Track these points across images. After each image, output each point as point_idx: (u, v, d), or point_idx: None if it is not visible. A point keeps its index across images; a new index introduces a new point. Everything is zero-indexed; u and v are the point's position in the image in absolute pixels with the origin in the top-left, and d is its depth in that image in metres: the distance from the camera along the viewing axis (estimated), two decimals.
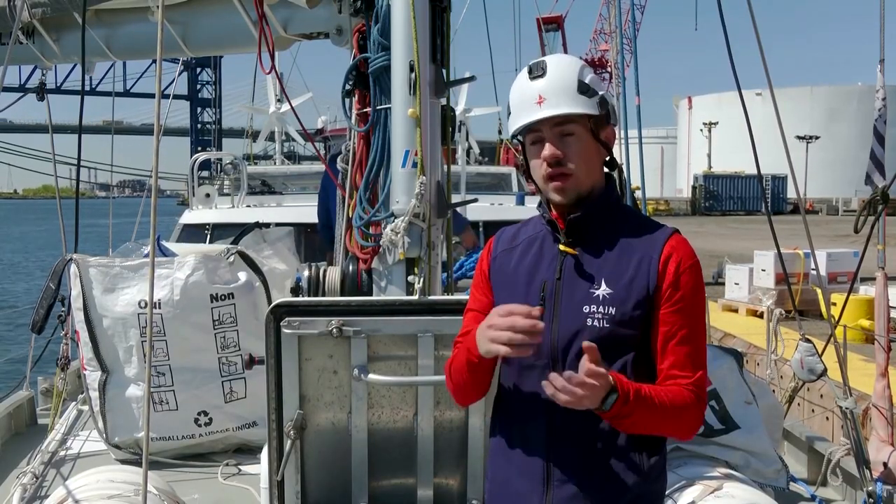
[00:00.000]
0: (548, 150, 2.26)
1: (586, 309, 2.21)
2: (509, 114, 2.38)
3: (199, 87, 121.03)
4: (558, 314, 2.24)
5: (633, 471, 2.23)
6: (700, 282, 2.27)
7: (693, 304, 2.24)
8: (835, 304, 9.54)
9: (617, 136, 2.51)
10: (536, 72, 2.29)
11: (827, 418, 9.71)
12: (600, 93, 2.29)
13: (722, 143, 77.73)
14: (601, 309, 2.20)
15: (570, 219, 2.30)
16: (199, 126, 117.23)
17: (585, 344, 2.03)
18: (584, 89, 2.27)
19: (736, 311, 16.17)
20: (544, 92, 2.26)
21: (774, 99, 5.00)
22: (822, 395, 9.83)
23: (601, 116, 2.29)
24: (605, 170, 2.38)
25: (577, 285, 2.25)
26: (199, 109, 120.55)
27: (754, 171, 5.60)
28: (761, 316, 14.91)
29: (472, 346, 2.24)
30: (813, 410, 9.98)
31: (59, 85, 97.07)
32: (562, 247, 2.30)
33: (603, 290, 2.22)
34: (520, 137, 2.36)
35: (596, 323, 2.20)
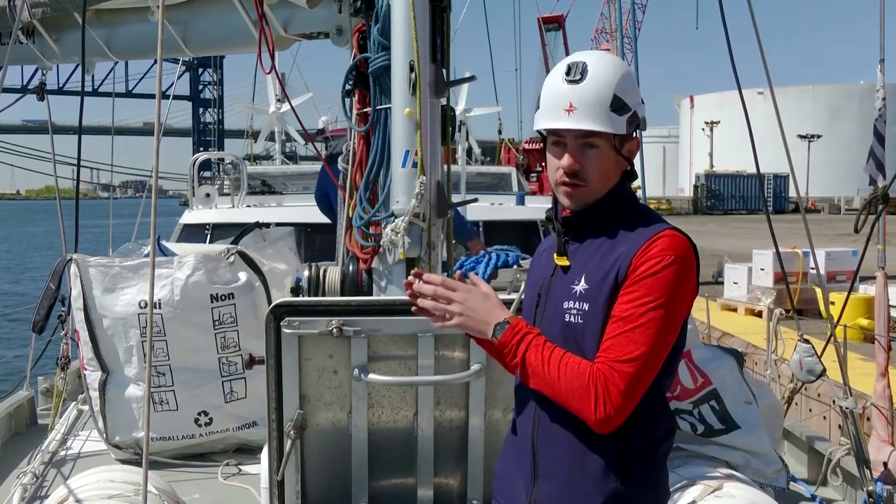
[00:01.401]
0: (566, 160, 2.22)
1: (566, 305, 2.21)
2: (538, 107, 2.29)
3: (201, 87, 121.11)
4: (546, 311, 2.27)
5: (615, 475, 2.17)
6: (668, 277, 2.11)
7: (646, 291, 2.10)
8: (833, 303, 9.53)
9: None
10: (574, 74, 2.20)
11: (824, 417, 9.69)
12: (633, 109, 2.22)
13: (724, 142, 77.69)
14: (576, 304, 2.19)
15: (565, 218, 2.31)
16: (201, 126, 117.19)
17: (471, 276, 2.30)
18: (617, 106, 2.18)
19: (735, 310, 16.14)
20: (576, 101, 2.18)
21: (774, 98, 4.99)
22: (819, 395, 9.82)
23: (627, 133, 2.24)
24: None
25: (562, 282, 2.26)
26: (201, 110, 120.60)
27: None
28: (760, 315, 14.90)
29: None
30: (811, 410, 9.97)
31: (61, 86, 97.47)
32: (556, 257, 2.31)
33: (581, 285, 2.20)
34: (543, 132, 2.31)
35: (572, 319, 2.19)
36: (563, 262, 2.28)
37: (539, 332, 2.19)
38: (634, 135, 2.29)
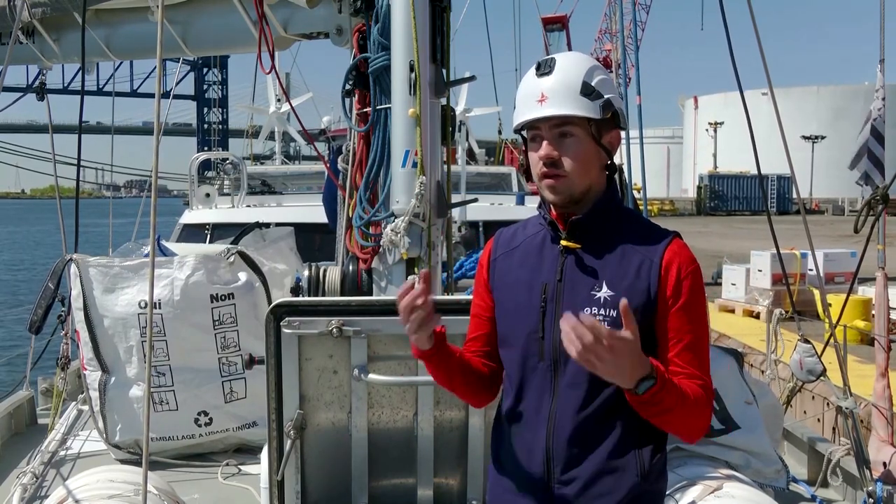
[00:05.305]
0: (543, 149, 2.24)
1: (587, 311, 2.19)
2: (516, 107, 2.34)
3: (205, 87, 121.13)
4: (559, 316, 2.20)
5: (634, 471, 2.23)
6: (701, 286, 2.26)
7: (696, 310, 2.24)
8: (830, 304, 9.48)
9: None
10: (544, 69, 2.26)
11: (819, 420, 9.64)
12: (606, 96, 2.25)
13: (729, 142, 77.56)
14: (602, 311, 2.19)
15: (573, 221, 2.28)
16: (205, 126, 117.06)
17: (622, 303, 1.96)
18: (587, 91, 2.22)
19: (732, 311, 16.03)
20: (547, 91, 2.23)
21: (774, 98, 4.98)
22: (813, 397, 9.77)
23: (604, 120, 2.25)
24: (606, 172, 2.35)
25: (579, 287, 2.24)
26: (205, 109, 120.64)
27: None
28: (757, 316, 14.84)
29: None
30: (805, 412, 9.91)
31: (66, 85, 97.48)
32: (563, 242, 2.28)
33: (604, 292, 2.21)
34: (523, 133, 2.34)
35: None
36: (573, 244, 2.27)
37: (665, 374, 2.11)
38: (617, 126, 2.30)
